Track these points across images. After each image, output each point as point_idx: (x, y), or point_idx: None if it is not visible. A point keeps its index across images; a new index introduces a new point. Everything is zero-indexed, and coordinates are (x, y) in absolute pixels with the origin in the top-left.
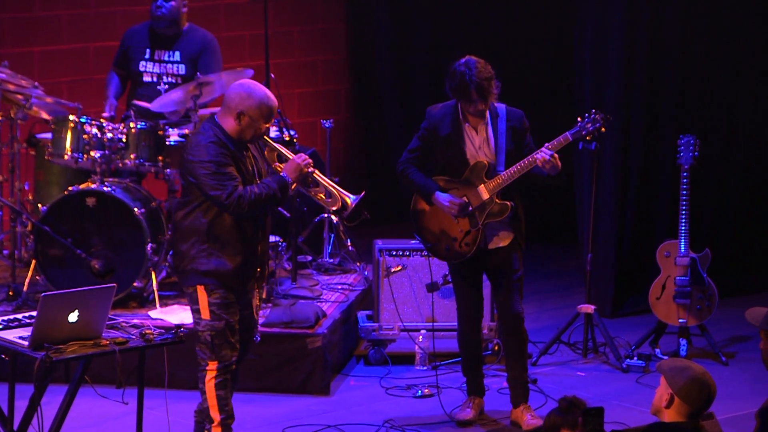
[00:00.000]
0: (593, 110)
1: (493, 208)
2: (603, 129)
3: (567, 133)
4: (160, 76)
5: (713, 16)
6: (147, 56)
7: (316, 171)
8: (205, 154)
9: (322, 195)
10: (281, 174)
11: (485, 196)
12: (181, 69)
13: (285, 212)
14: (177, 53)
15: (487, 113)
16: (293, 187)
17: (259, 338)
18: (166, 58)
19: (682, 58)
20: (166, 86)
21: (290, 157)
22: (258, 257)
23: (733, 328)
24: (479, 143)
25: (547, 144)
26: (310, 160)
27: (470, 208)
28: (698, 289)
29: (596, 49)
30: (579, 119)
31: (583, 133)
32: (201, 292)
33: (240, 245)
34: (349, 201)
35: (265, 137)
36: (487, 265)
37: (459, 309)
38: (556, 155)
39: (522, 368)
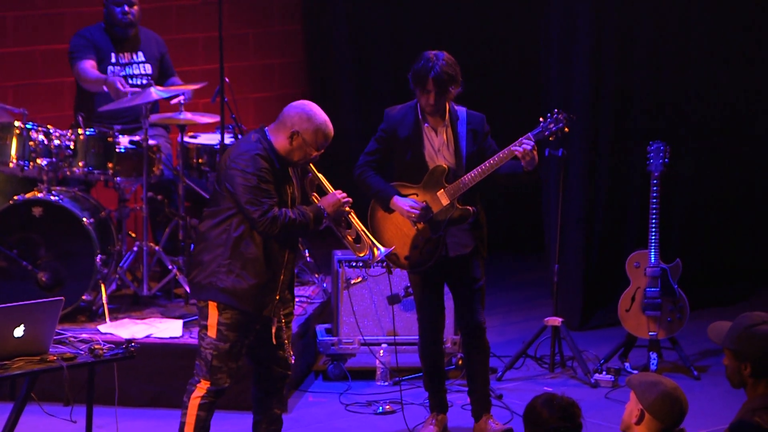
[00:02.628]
0: (555, 110)
1: (454, 213)
2: (566, 129)
3: (529, 134)
4: (126, 77)
5: (684, 19)
6: (113, 60)
7: (353, 212)
8: (250, 165)
9: (350, 238)
10: (319, 205)
11: (445, 201)
12: (148, 68)
13: None
14: (140, 54)
15: (447, 116)
16: (325, 222)
17: (294, 357)
18: (131, 60)
19: (651, 63)
20: (134, 88)
21: (330, 190)
22: (279, 284)
23: (705, 342)
24: (438, 145)
25: (509, 145)
26: (350, 199)
27: (430, 215)
28: (669, 301)
29: (563, 52)
30: (541, 119)
31: (546, 133)
32: (212, 309)
33: (263, 268)
34: (376, 253)
35: (311, 165)
36: (449, 274)
37: (420, 320)
38: (535, 147)
39: (484, 381)
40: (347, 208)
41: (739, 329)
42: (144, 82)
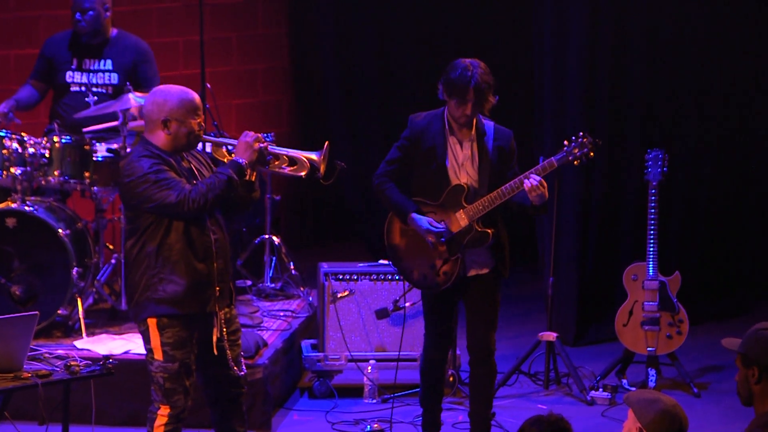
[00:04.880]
0: (581, 133)
1: (474, 235)
2: (591, 154)
3: (552, 158)
4: (88, 86)
5: (679, 25)
6: (74, 66)
7: (270, 143)
8: (138, 169)
9: (287, 167)
10: (232, 158)
11: (464, 222)
12: (114, 78)
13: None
14: (108, 62)
15: (474, 130)
16: (253, 174)
17: (245, 370)
18: (95, 67)
19: (648, 69)
20: (95, 97)
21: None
22: (215, 276)
23: (706, 357)
24: (462, 159)
25: (531, 170)
26: (259, 135)
27: (447, 237)
28: (668, 315)
29: (556, 58)
30: (565, 143)
31: (570, 158)
32: (153, 330)
33: (192, 265)
34: (315, 158)
35: (203, 136)
36: (464, 294)
37: (427, 338)
38: (544, 183)
39: (486, 404)
40: (261, 144)
41: (750, 333)
42: (104, 92)
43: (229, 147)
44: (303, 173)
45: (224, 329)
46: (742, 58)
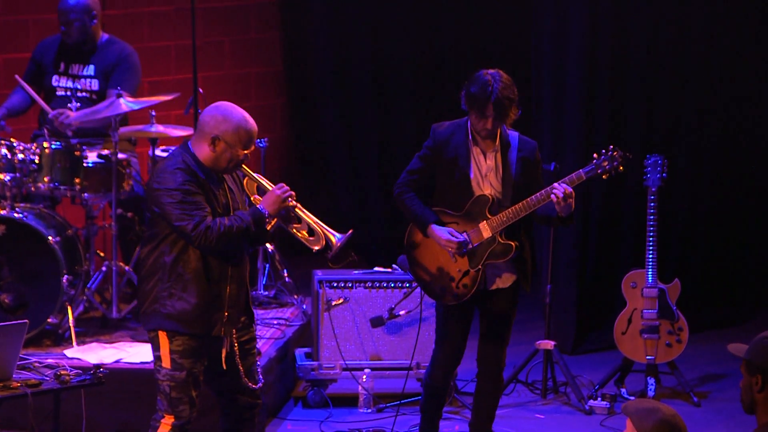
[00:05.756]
0: (611, 147)
1: (496, 247)
2: (621, 168)
3: (581, 170)
4: (73, 91)
5: (680, 30)
6: (61, 70)
7: (299, 205)
8: (171, 181)
9: (304, 233)
10: (258, 206)
11: (487, 234)
12: (95, 84)
13: None
14: (91, 67)
15: (498, 140)
16: (273, 222)
17: (262, 380)
18: (80, 73)
19: (648, 74)
20: (78, 103)
21: (270, 188)
22: (225, 300)
23: (706, 366)
24: (486, 171)
25: (558, 182)
26: (292, 192)
27: (469, 247)
28: (667, 323)
29: (555, 63)
30: (595, 156)
31: (599, 171)
32: (162, 338)
33: (205, 286)
34: (333, 240)
35: (244, 167)
36: (483, 307)
37: (439, 349)
38: (572, 193)
39: (489, 417)
40: (291, 202)
41: (757, 340)
42: (86, 97)
43: (262, 187)
44: (316, 247)
45: (235, 345)
46: (744, 62)
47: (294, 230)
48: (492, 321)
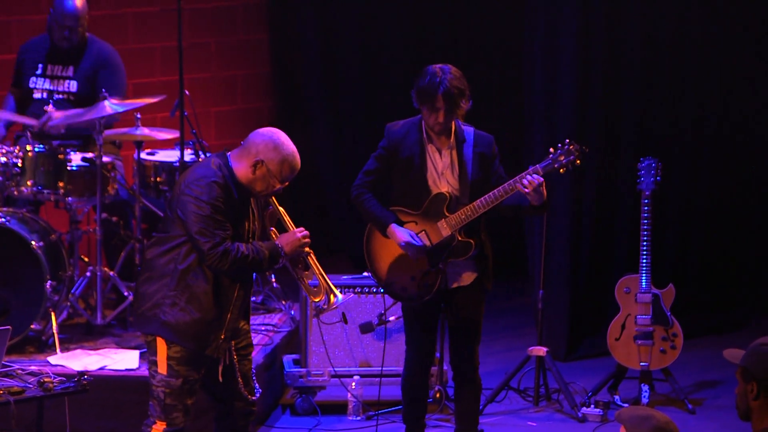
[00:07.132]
0: (567, 141)
1: (455, 246)
2: (578, 162)
3: (537, 165)
4: (50, 93)
5: (675, 32)
6: (39, 71)
7: (312, 253)
8: (204, 193)
9: (307, 281)
10: (276, 242)
11: (446, 232)
12: (73, 86)
13: None
14: (70, 68)
15: (453, 137)
16: (281, 261)
17: (260, 391)
18: (59, 74)
19: (642, 75)
20: (55, 107)
21: (291, 227)
22: (225, 324)
23: (701, 373)
24: (442, 168)
25: (516, 177)
26: (309, 240)
27: (427, 249)
28: (661, 329)
29: (547, 61)
30: (551, 150)
31: (555, 166)
32: (160, 343)
33: (210, 304)
34: (333, 299)
35: (273, 198)
36: (446, 306)
37: (409, 352)
38: (543, 182)
39: (472, 421)
40: (307, 249)
41: (753, 347)
42: (63, 98)
43: (283, 222)
44: (314, 299)
45: (234, 356)
46: (739, 64)
47: (298, 275)
48: (458, 321)
